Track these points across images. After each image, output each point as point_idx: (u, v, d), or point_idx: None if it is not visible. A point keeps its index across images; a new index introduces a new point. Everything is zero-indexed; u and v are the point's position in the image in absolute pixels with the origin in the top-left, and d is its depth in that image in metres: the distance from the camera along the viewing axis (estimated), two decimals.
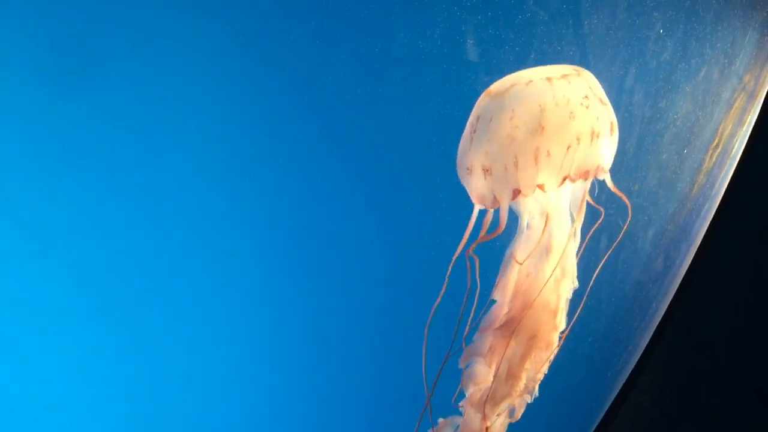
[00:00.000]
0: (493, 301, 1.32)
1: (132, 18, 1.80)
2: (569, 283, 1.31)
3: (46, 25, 1.74)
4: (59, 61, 1.77)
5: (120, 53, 1.82)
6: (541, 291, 1.27)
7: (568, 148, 1.12)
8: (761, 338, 2.22)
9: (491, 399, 1.30)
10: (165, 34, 1.85)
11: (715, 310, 2.49)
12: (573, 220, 1.28)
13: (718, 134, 2.62)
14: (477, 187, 1.20)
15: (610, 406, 2.70)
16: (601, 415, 2.71)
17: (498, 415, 1.34)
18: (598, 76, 1.29)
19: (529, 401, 1.40)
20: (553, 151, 1.11)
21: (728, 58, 2.41)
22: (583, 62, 1.27)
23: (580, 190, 1.27)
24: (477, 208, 1.26)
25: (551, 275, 1.27)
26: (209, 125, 2.00)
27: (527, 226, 1.28)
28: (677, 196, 2.62)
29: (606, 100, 1.23)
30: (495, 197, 1.18)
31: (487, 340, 1.30)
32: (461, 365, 1.33)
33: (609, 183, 1.28)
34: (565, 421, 2.81)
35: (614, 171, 2.38)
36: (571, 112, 1.12)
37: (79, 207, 1.94)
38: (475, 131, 1.17)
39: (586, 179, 1.20)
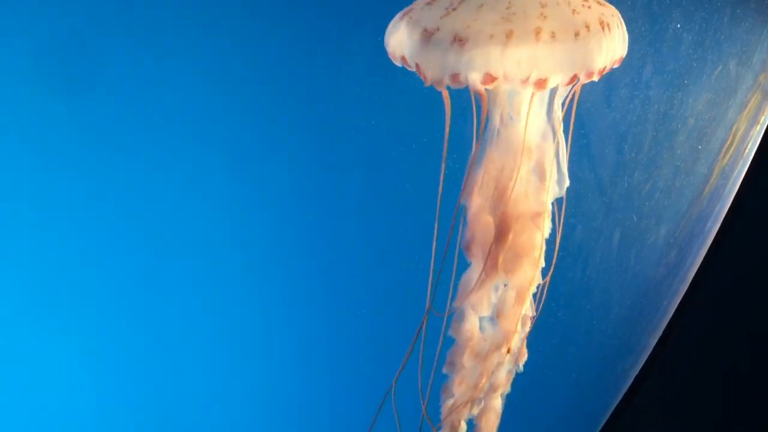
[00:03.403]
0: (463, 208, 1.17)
1: (133, 17, 1.78)
2: (551, 188, 1.18)
3: (46, 25, 1.71)
4: (58, 61, 1.74)
5: (120, 53, 1.80)
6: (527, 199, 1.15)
7: (576, 34, 0.97)
8: None
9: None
10: (170, 30, 1.82)
11: (726, 309, 2.48)
12: (551, 122, 1.14)
13: (732, 133, 2.61)
14: (442, 59, 0.99)
15: (619, 404, 2.71)
16: (610, 412, 2.72)
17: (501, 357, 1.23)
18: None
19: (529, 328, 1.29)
20: (559, 34, 0.96)
21: (744, 56, 2.41)
22: None
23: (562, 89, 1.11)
24: (445, 92, 1.08)
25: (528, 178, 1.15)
26: (218, 123, 1.98)
27: (498, 125, 1.13)
28: (689, 195, 2.61)
29: (605, 1, 1.10)
30: (463, 74, 0.99)
31: (471, 259, 1.18)
32: (456, 305, 1.20)
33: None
34: (573, 418, 2.81)
35: (628, 167, 2.38)
36: (574, 10, 0.99)
37: (76, 206, 1.93)
38: (455, 9, 0.99)
39: (598, 75, 1.04)
